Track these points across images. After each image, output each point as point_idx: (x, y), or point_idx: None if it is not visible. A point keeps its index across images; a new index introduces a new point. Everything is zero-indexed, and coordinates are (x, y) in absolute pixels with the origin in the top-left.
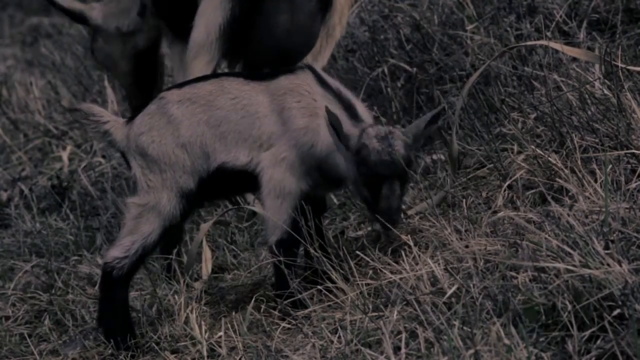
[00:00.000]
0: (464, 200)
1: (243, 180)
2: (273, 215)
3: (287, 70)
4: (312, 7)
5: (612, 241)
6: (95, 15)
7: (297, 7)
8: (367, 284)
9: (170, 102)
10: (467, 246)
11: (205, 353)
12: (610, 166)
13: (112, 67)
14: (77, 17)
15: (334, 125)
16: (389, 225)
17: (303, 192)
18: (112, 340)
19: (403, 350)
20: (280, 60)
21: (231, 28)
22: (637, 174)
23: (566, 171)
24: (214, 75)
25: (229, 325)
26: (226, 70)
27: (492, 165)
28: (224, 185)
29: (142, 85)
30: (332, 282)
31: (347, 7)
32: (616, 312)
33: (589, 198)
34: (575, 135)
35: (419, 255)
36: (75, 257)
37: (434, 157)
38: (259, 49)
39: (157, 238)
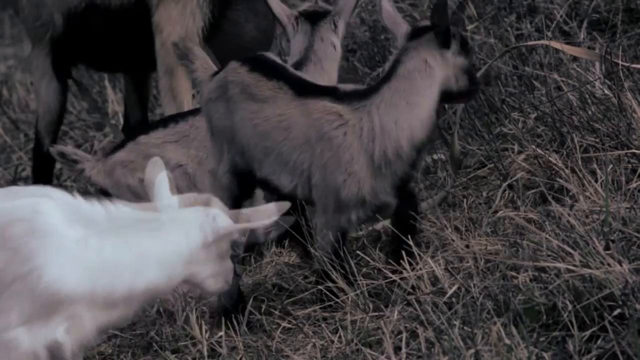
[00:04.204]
0: (465, 200)
1: None
2: None
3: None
4: (271, 13)
5: (613, 241)
6: None
7: (261, 15)
8: (368, 284)
9: (235, 82)
10: (467, 246)
11: (205, 353)
12: (611, 166)
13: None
14: None
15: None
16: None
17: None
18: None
19: (404, 350)
20: None
21: (206, 33)
22: (637, 174)
23: (567, 171)
24: (280, 68)
25: (229, 325)
26: None
27: (492, 165)
28: None
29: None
30: (333, 281)
31: None
32: (617, 312)
33: (589, 198)
34: (576, 135)
35: (420, 255)
36: None
37: (435, 156)
38: (225, 57)
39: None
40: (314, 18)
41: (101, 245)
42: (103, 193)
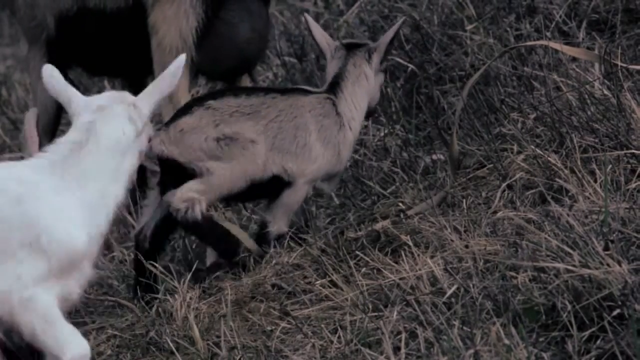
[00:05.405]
0: (464, 200)
1: None
2: None
3: None
4: (265, 13)
5: (612, 241)
6: None
7: (255, 15)
8: (367, 284)
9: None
10: (466, 246)
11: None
12: (610, 166)
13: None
14: None
15: None
16: None
17: None
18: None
19: (403, 351)
20: (241, 68)
21: (200, 33)
22: (636, 174)
23: (566, 171)
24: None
25: (230, 325)
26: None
27: (491, 165)
28: None
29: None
30: (333, 282)
31: None
32: (616, 312)
33: (588, 198)
34: (575, 135)
35: (419, 256)
36: None
37: (434, 157)
38: (220, 58)
39: None
40: (350, 46)
41: (81, 184)
42: (165, 162)
